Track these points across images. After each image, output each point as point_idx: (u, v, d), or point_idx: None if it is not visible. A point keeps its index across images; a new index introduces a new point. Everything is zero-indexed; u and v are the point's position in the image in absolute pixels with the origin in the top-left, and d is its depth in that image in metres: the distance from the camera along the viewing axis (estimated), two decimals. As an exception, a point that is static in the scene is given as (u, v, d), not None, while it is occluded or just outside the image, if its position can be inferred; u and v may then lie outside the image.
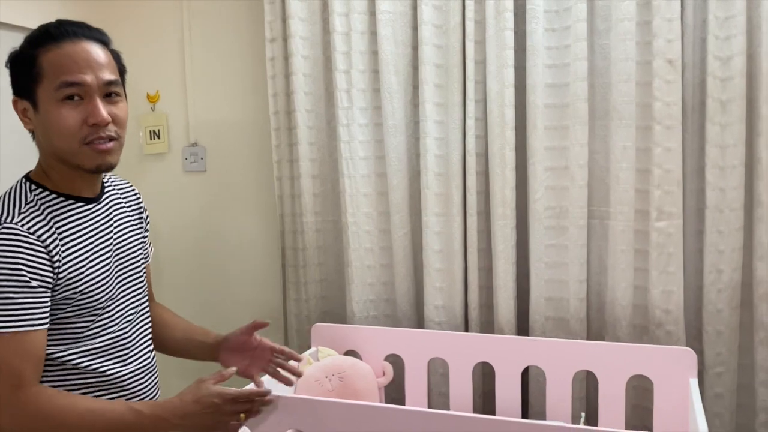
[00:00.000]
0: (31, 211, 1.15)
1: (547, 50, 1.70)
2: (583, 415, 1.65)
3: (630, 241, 1.67)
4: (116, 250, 1.29)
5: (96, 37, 1.20)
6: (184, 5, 2.18)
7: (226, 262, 2.22)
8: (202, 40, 2.19)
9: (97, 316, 1.21)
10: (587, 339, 1.73)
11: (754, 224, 1.61)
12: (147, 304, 1.38)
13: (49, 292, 1.13)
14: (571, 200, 1.70)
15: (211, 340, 1.42)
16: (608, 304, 1.72)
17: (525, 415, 1.74)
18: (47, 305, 1.13)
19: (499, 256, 1.76)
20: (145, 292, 1.38)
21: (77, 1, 2.12)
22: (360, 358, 1.75)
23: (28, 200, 1.16)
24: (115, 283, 1.26)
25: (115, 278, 1.26)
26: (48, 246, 1.13)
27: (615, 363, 1.55)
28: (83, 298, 1.18)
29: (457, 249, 1.81)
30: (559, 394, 1.59)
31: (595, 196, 1.73)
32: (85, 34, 1.18)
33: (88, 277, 1.19)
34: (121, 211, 1.34)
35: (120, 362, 1.26)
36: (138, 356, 1.30)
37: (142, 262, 1.37)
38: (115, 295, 1.25)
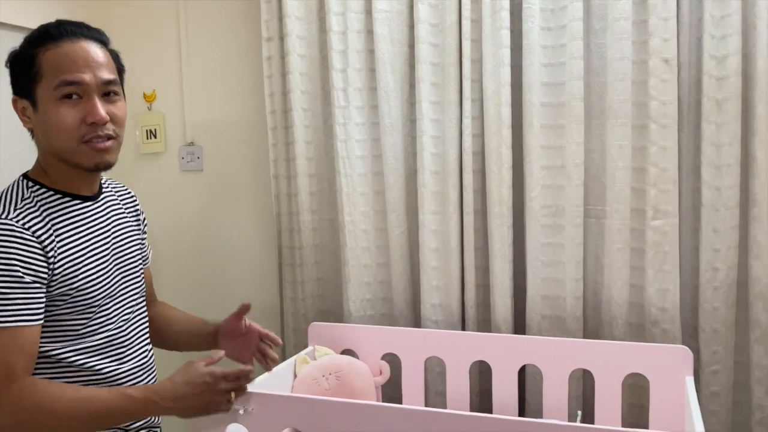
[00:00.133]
0: (27, 207, 1.15)
1: (543, 49, 1.71)
2: (580, 413, 1.66)
3: (626, 240, 1.68)
4: (114, 250, 1.29)
5: (95, 36, 1.21)
6: (181, 5, 2.18)
7: (223, 261, 2.22)
8: (199, 40, 2.18)
9: (93, 313, 1.21)
10: (584, 337, 1.73)
11: (750, 223, 1.61)
12: (144, 305, 1.38)
13: (43, 288, 1.14)
14: (568, 199, 1.70)
15: (209, 329, 1.45)
16: (604, 303, 1.72)
17: (522, 414, 1.75)
18: (41, 301, 1.13)
19: (496, 255, 1.76)
20: (142, 293, 1.38)
21: (75, 1, 2.12)
22: (357, 357, 1.75)
23: (25, 197, 1.17)
24: (112, 282, 1.26)
25: (112, 277, 1.27)
26: (43, 242, 1.14)
27: (611, 361, 1.55)
28: (79, 295, 1.18)
29: (454, 247, 1.81)
30: (556, 393, 1.59)
31: (592, 195, 1.73)
32: (84, 34, 1.19)
33: (84, 274, 1.19)
34: (119, 213, 1.35)
35: (116, 361, 1.26)
36: (135, 355, 1.30)
37: (140, 263, 1.38)
38: (112, 294, 1.26)
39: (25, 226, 1.13)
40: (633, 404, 1.69)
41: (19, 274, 1.10)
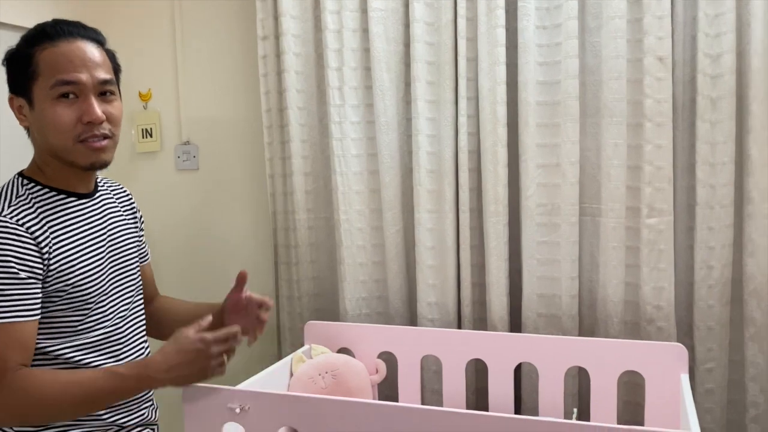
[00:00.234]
0: (21, 204, 1.16)
1: (539, 47, 1.71)
2: (575, 410, 1.66)
3: (621, 238, 1.68)
4: (109, 247, 1.29)
5: (92, 36, 1.22)
6: (176, 4, 2.18)
7: (219, 260, 2.22)
8: (194, 38, 2.18)
9: (89, 310, 1.22)
10: (579, 335, 1.74)
11: (744, 221, 1.62)
12: (141, 302, 1.39)
13: (39, 284, 1.14)
14: (563, 197, 1.71)
15: (216, 308, 1.44)
16: (600, 301, 1.73)
17: (518, 412, 1.75)
18: (38, 296, 1.14)
19: (492, 253, 1.76)
20: (139, 290, 1.38)
21: (71, 1, 2.11)
22: (353, 355, 1.75)
23: (19, 194, 1.18)
24: (108, 279, 1.27)
25: (108, 274, 1.27)
26: (37, 238, 1.14)
27: (607, 359, 1.55)
28: (74, 291, 1.19)
29: (450, 246, 1.81)
30: (552, 391, 1.59)
31: (587, 193, 1.74)
32: (81, 34, 1.20)
33: (80, 270, 1.20)
34: (115, 211, 1.35)
35: (113, 358, 1.26)
36: (131, 352, 1.31)
37: (136, 260, 1.38)
38: (107, 291, 1.26)
39: (19, 223, 1.13)
40: (628, 402, 1.70)
41: (15, 270, 1.11)
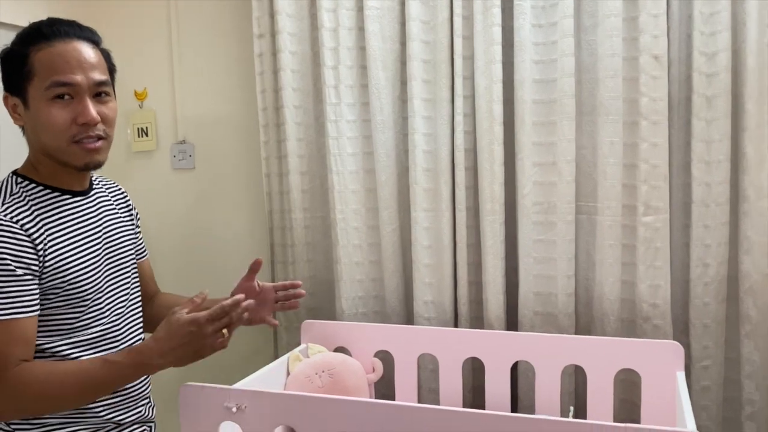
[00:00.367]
0: (15, 201, 1.17)
1: (535, 46, 1.71)
2: (572, 409, 1.66)
3: (617, 236, 1.68)
4: (105, 244, 1.30)
5: (87, 36, 1.22)
6: (172, 3, 2.17)
7: (216, 260, 2.21)
8: (190, 37, 2.17)
9: (86, 307, 1.22)
10: (575, 334, 1.74)
11: (740, 218, 1.62)
12: (138, 299, 1.39)
13: (36, 280, 1.15)
14: (559, 195, 1.71)
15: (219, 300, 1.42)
16: (596, 299, 1.73)
17: (514, 410, 1.75)
18: (35, 292, 1.14)
19: (488, 252, 1.76)
20: (135, 287, 1.38)
21: (66, 0, 2.11)
22: (350, 354, 1.75)
23: (13, 192, 1.18)
24: (104, 276, 1.27)
25: (104, 271, 1.27)
26: (32, 235, 1.15)
27: (603, 357, 1.55)
28: (70, 288, 1.19)
29: (446, 244, 1.81)
30: (548, 389, 1.60)
31: (583, 192, 1.74)
32: (76, 34, 1.20)
33: (75, 267, 1.20)
34: (110, 208, 1.35)
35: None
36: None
37: (133, 257, 1.38)
38: (103, 288, 1.26)
39: (13, 220, 1.14)
40: (625, 400, 1.70)
41: (11, 268, 1.11)
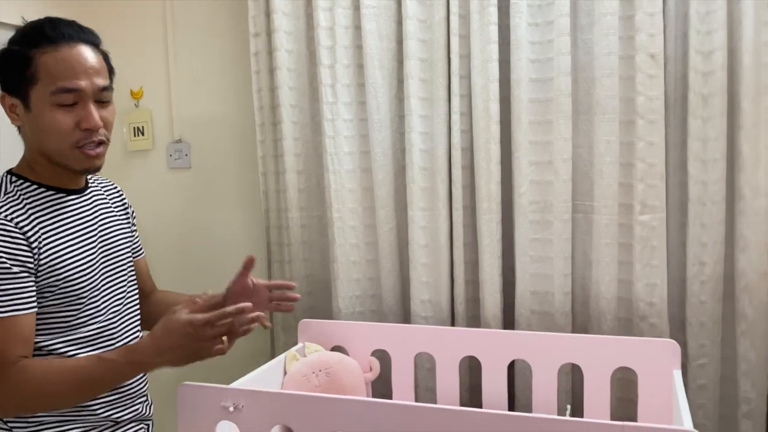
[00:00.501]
0: (9, 200, 1.17)
1: (531, 45, 1.71)
2: (569, 407, 1.67)
3: (614, 235, 1.68)
4: (101, 242, 1.30)
5: (90, 39, 1.22)
6: (167, 1, 2.16)
7: (212, 259, 2.21)
8: (186, 36, 2.17)
9: (82, 305, 1.22)
10: (572, 332, 1.74)
11: (736, 217, 1.63)
12: (135, 297, 1.39)
13: (32, 277, 1.15)
14: (556, 194, 1.71)
15: (217, 298, 1.40)
16: (593, 298, 1.73)
17: (511, 409, 1.75)
18: (32, 289, 1.14)
19: (485, 251, 1.76)
20: (132, 285, 1.38)
21: (60, -2, 2.10)
22: (347, 353, 1.75)
23: (7, 191, 1.18)
24: (100, 275, 1.27)
25: (100, 270, 1.27)
26: (26, 233, 1.15)
27: (600, 356, 1.56)
28: (66, 286, 1.19)
29: (443, 243, 1.81)
30: (545, 387, 1.60)
31: (579, 190, 1.74)
32: (80, 37, 1.19)
33: (71, 265, 1.20)
34: (105, 207, 1.36)
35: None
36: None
37: (129, 255, 1.38)
38: (100, 286, 1.26)
39: (8, 218, 1.14)
40: (622, 398, 1.71)
41: (7, 266, 1.11)
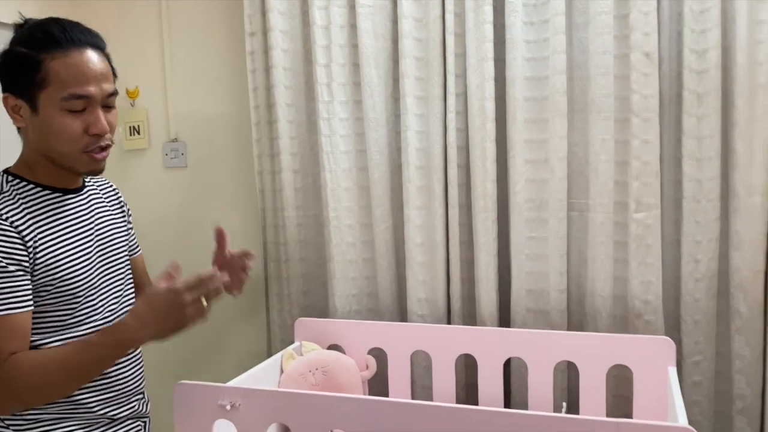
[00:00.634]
0: (4, 199, 1.17)
1: (526, 43, 1.71)
2: (565, 404, 1.67)
3: (609, 233, 1.69)
4: (98, 242, 1.30)
5: (97, 43, 1.21)
6: (163, 1, 2.16)
7: (208, 258, 2.18)
8: (182, 35, 2.17)
9: (78, 304, 1.22)
10: (568, 330, 1.74)
11: (730, 214, 1.63)
12: (131, 296, 1.39)
13: (28, 276, 1.15)
14: (551, 192, 1.71)
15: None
16: (588, 296, 1.74)
17: (507, 406, 1.76)
18: (28, 288, 1.15)
19: (481, 249, 1.77)
20: (128, 284, 1.38)
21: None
22: (343, 352, 1.75)
23: (3, 190, 1.19)
24: (96, 274, 1.27)
25: (96, 269, 1.27)
26: (22, 232, 1.15)
27: (595, 353, 1.56)
28: (62, 285, 1.19)
29: (439, 242, 1.82)
30: (541, 385, 1.60)
31: (575, 188, 1.75)
32: (88, 41, 1.19)
33: (67, 264, 1.20)
34: (102, 206, 1.36)
35: None
36: None
37: (125, 254, 1.38)
38: (96, 285, 1.26)
39: (3, 217, 1.14)
40: (617, 395, 1.71)
41: (3, 264, 1.11)
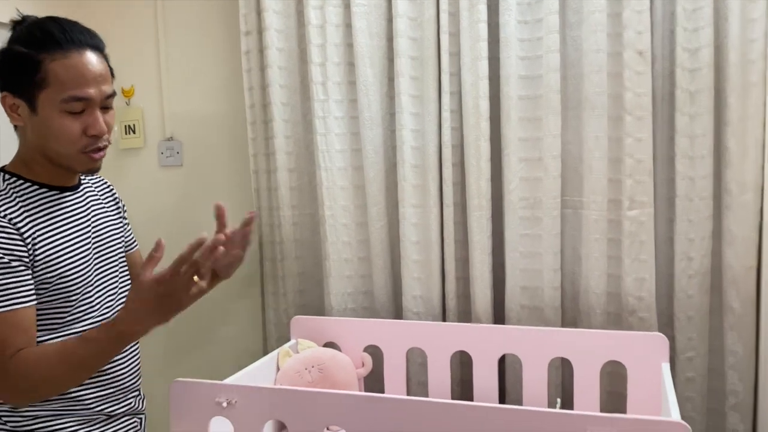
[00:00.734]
0: (2, 197, 1.17)
1: (520, 42, 1.72)
2: (559, 401, 1.68)
3: (603, 230, 1.70)
4: (94, 238, 1.30)
5: (96, 45, 1.21)
6: (158, 0, 2.16)
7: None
8: (177, 34, 2.17)
9: (76, 301, 1.23)
10: (562, 327, 1.75)
11: (723, 212, 1.64)
12: (127, 292, 1.39)
13: (29, 271, 1.15)
14: (545, 190, 1.72)
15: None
16: (582, 293, 1.75)
17: (502, 403, 1.76)
18: (31, 283, 1.15)
19: (476, 247, 1.77)
20: (124, 280, 1.39)
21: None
22: (339, 349, 1.76)
23: (0, 189, 1.18)
24: (93, 271, 1.28)
25: (93, 266, 1.28)
26: (20, 229, 1.15)
27: (589, 350, 1.57)
28: (60, 283, 1.20)
29: (434, 240, 1.82)
30: (536, 381, 1.61)
31: (569, 186, 1.75)
32: (87, 42, 1.19)
33: (65, 262, 1.21)
34: (98, 203, 1.37)
35: None
36: None
37: (121, 251, 1.39)
38: (93, 282, 1.27)
39: (1, 215, 1.14)
40: (611, 391, 1.72)
41: (6, 261, 1.12)
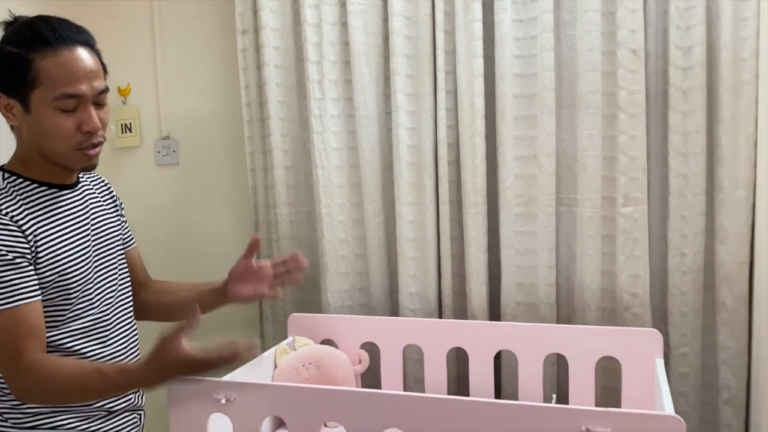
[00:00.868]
0: (2, 195, 1.18)
1: (515, 41, 1.73)
2: (554, 396, 1.70)
3: (597, 227, 1.71)
4: (93, 235, 1.31)
5: (87, 41, 1.22)
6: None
7: (200, 256, 2.21)
8: (174, 32, 2.17)
9: (76, 298, 1.24)
10: (557, 323, 1.77)
11: (716, 209, 1.66)
12: (127, 288, 1.40)
13: (32, 267, 1.16)
14: (540, 188, 1.74)
15: (218, 283, 1.47)
16: (577, 289, 1.76)
17: (498, 398, 1.78)
18: (35, 279, 1.16)
19: (471, 244, 1.79)
20: (123, 277, 1.40)
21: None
22: (336, 347, 1.77)
23: (0, 187, 1.18)
24: (92, 267, 1.29)
25: (93, 262, 1.29)
26: (22, 226, 1.16)
27: (584, 346, 1.58)
28: (60, 280, 1.20)
29: (431, 237, 1.83)
30: (531, 377, 1.62)
31: (563, 184, 1.77)
32: (78, 39, 1.20)
33: (65, 259, 1.22)
34: (96, 200, 1.38)
35: (100, 344, 1.29)
36: (118, 338, 1.33)
37: (120, 247, 1.40)
38: (92, 279, 1.28)
39: (2, 212, 1.15)
40: (606, 387, 1.74)
41: (9, 258, 1.13)
